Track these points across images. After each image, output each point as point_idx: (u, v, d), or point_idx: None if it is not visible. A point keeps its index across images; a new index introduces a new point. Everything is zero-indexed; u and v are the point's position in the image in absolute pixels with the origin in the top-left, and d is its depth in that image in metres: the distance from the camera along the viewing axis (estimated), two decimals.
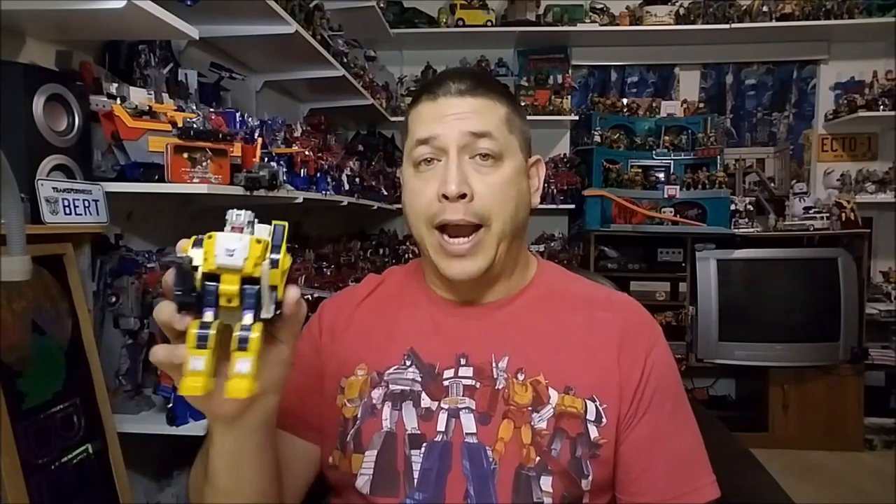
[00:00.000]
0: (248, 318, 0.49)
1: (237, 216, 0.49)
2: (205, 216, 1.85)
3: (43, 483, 0.94)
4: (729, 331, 3.34)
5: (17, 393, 0.93)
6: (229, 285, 0.48)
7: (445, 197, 0.75)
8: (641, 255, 3.49)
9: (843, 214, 3.31)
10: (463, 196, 0.75)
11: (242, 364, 0.48)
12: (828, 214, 3.36)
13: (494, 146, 0.77)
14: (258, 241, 0.48)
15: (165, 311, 0.51)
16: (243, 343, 0.49)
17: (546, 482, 0.72)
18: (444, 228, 0.77)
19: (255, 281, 0.49)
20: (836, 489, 2.87)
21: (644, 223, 3.37)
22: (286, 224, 0.51)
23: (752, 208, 3.43)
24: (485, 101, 0.79)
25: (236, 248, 0.47)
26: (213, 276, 0.48)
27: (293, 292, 0.52)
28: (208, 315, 0.48)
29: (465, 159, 0.77)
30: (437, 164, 0.77)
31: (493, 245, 0.77)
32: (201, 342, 0.48)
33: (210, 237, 0.48)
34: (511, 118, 0.81)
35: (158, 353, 0.52)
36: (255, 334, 0.49)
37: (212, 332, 0.48)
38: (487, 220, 0.76)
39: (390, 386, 0.79)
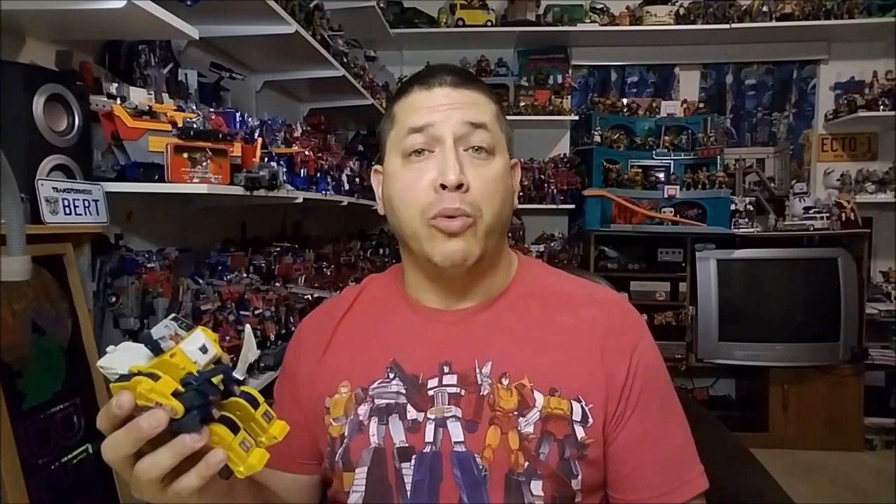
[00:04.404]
0: (236, 388, 0.53)
1: (165, 328, 0.51)
2: (205, 216, 1.85)
3: (43, 483, 0.94)
4: (729, 331, 3.34)
5: (17, 393, 0.93)
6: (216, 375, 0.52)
7: (443, 187, 0.73)
8: (641, 255, 3.49)
9: (843, 214, 3.31)
10: (460, 186, 0.73)
11: (267, 413, 0.53)
12: (828, 214, 3.36)
13: (489, 139, 0.77)
14: (206, 330, 0.52)
15: (169, 453, 0.49)
16: (254, 401, 0.53)
17: (536, 486, 0.72)
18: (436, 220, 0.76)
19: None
20: (836, 489, 2.87)
21: (644, 223, 3.37)
22: (173, 314, 0.55)
23: (752, 208, 3.43)
24: (479, 94, 0.79)
25: (203, 343, 0.51)
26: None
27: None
28: (216, 412, 0.51)
29: (459, 150, 0.75)
30: (430, 155, 0.76)
31: (482, 236, 0.76)
32: (235, 429, 0.51)
33: (172, 355, 0.49)
34: (499, 116, 0.81)
35: (192, 481, 0.50)
36: (252, 390, 0.53)
37: (231, 416, 0.52)
38: (479, 211, 0.75)
39: (376, 400, 0.77)
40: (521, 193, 0.87)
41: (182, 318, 0.53)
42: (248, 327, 0.58)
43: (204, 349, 0.50)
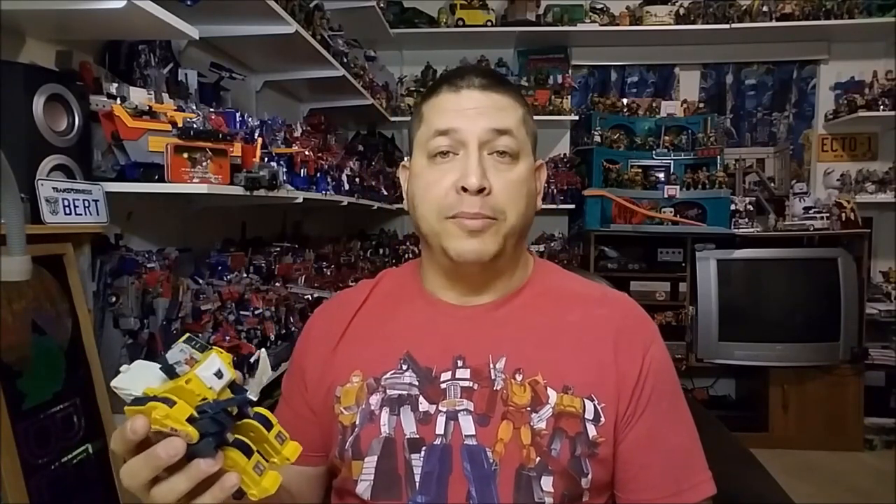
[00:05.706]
0: (250, 410, 0.53)
1: (181, 352, 0.52)
2: (205, 216, 1.85)
3: (43, 483, 0.94)
4: (729, 331, 3.34)
5: (17, 393, 0.93)
6: (228, 396, 0.52)
7: (465, 189, 0.75)
8: (641, 255, 3.49)
9: (843, 214, 3.31)
10: (482, 190, 0.75)
11: (280, 434, 0.54)
12: (828, 214, 3.36)
13: (514, 144, 0.78)
14: (220, 352, 0.52)
15: (185, 478, 0.50)
16: (267, 423, 0.53)
17: (547, 482, 0.72)
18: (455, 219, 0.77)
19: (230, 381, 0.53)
20: (836, 489, 2.87)
21: (644, 223, 3.37)
22: (187, 333, 0.55)
23: (752, 208, 3.43)
24: (506, 98, 0.80)
25: (219, 367, 0.51)
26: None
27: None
28: (230, 435, 0.52)
29: (483, 154, 0.77)
30: (454, 157, 0.77)
31: (502, 236, 0.77)
32: (249, 452, 0.52)
33: (188, 381, 0.49)
34: (526, 119, 0.82)
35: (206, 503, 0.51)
36: (266, 411, 0.54)
37: (245, 439, 0.52)
38: (502, 214, 0.77)
39: (388, 391, 0.78)
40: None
41: (196, 338, 0.53)
42: (262, 351, 0.58)
43: (219, 374, 0.51)
